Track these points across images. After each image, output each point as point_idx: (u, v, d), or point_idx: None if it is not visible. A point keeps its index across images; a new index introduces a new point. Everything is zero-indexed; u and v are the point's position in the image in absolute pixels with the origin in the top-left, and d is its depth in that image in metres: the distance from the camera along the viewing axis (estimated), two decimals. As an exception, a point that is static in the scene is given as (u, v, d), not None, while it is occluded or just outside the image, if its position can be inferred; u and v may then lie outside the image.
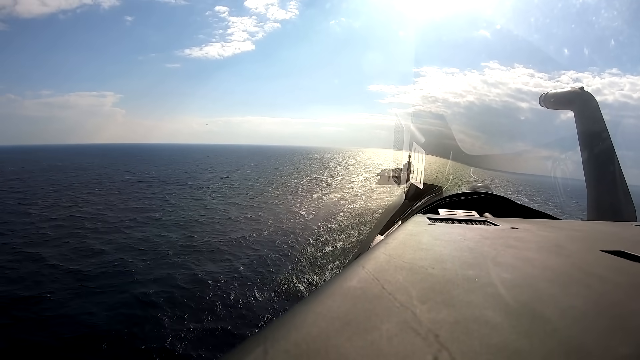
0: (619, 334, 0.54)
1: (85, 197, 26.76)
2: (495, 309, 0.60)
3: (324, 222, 19.82)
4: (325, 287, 0.71)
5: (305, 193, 31.37)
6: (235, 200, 26.77)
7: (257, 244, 15.59)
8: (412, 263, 0.89)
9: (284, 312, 0.66)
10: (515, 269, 0.89)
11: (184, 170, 53.28)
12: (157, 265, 12.48)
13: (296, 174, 50.23)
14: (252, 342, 0.49)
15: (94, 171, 49.21)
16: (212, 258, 13.59)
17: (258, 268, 12.60)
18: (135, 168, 56.82)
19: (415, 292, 0.68)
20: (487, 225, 1.76)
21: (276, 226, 18.70)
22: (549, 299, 0.68)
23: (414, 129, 6.53)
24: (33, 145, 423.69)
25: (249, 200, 27.14)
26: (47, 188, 30.94)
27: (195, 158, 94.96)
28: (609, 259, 1.06)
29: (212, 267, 12.58)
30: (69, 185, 33.07)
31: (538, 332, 0.52)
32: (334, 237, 16.95)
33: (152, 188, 32.23)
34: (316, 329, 0.51)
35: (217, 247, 14.90)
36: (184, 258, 13.33)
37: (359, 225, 18.59)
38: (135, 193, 29.04)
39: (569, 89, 5.69)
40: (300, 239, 16.46)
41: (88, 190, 30.34)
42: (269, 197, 28.56)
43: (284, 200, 27.02)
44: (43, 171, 47.24)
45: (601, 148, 4.84)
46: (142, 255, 13.46)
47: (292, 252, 14.50)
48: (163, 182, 36.74)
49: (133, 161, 77.09)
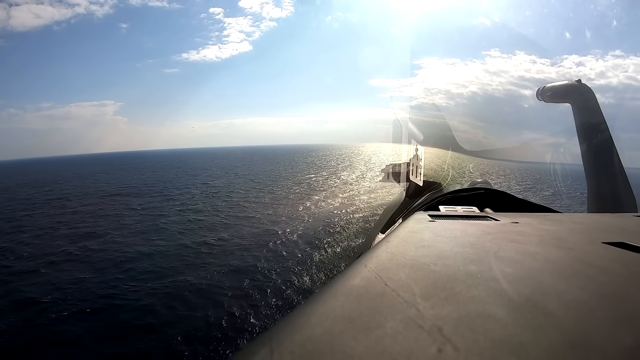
0: (622, 325, 0.54)
1: (29, 218, 22.55)
2: (498, 304, 0.60)
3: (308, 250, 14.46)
4: (329, 287, 0.71)
5: (295, 202, 25.72)
6: (200, 217, 21.40)
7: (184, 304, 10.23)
8: (415, 260, 0.90)
9: (288, 313, 0.66)
10: (517, 263, 0.89)
11: (167, 178, 48.74)
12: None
13: (290, 176, 44.69)
14: (257, 343, 0.49)
15: (69, 183, 44.71)
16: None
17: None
18: (115, 178, 51.95)
19: (418, 288, 0.68)
20: (488, 221, 1.76)
21: (228, 264, 13.21)
22: (552, 292, 0.68)
23: (411, 125, 6.54)
24: (33, 158, 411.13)
25: (217, 217, 21.25)
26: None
27: (188, 163, 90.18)
28: (611, 250, 1.07)
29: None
30: (26, 201, 29.46)
31: (541, 325, 0.52)
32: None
33: (115, 202, 28.12)
34: (321, 328, 0.52)
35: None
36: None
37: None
38: (91, 210, 24.77)
39: (566, 82, 5.70)
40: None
41: (42, 208, 26.07)
42: (245, 210, 23.29)
43: (262, 215, 21.32)
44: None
45: (600, 140, 4.84)
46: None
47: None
48: (134, 195, 31.71)
49: (120, 170, 71.39)
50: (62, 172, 70.80)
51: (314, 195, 28.65)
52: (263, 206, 24.63)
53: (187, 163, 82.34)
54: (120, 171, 66.64)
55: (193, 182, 41.37)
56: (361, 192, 29.95)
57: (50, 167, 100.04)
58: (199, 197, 29.66)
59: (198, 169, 62.65)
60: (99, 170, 71.16)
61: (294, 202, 25.87)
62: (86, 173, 64.08)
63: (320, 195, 29.00)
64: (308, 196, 28.48)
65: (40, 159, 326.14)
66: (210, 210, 23.68)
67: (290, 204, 25.10)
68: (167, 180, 45.02)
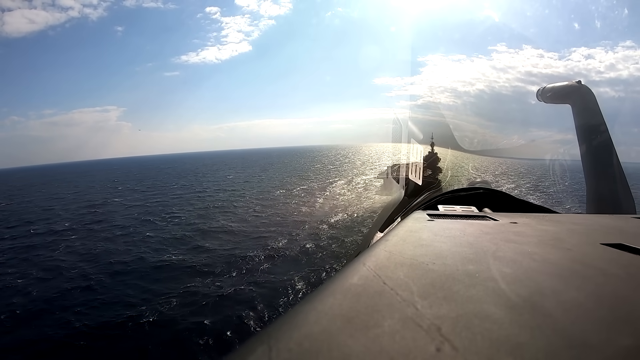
0: (619, 325, 0.54)
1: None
2: (496, 304, 0.60)
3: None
4: (327, 285, 0.71)
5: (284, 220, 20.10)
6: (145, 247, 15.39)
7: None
8: (413, 259, 0.90)
9: (286, 311, 0.66)
10: (515, 263, 0.89)
11: (148, 184, 44.80)
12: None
13: (278, 185, 36.54)
14: (255, 341, 0.49)
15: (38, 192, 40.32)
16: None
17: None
18: (81, 186, 46.03)
19: (416, 288, 0.68)
20: (487, 221, 1.76)
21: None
22: (550, 292, 0.68)
23: (412, 124, 6.54)
24: (34, 165, 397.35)
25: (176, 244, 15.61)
26: None
27: (180, 168, 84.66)
28: (609, 251, 1.07)
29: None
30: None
31: (539, 326, 0.52)
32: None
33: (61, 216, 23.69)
34: (319, 326, 0.52)
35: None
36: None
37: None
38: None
39: (565, 83, 5.70)
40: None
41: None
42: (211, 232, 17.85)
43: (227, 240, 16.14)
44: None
45: (599, 141, 4.85)
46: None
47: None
48: (98, 205, 27.50)
49: (105, 176, 66.25)
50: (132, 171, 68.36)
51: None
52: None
53: (186, 171, 77.07)
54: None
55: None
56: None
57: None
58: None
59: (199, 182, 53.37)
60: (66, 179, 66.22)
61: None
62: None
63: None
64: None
65: (58, 164, 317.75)
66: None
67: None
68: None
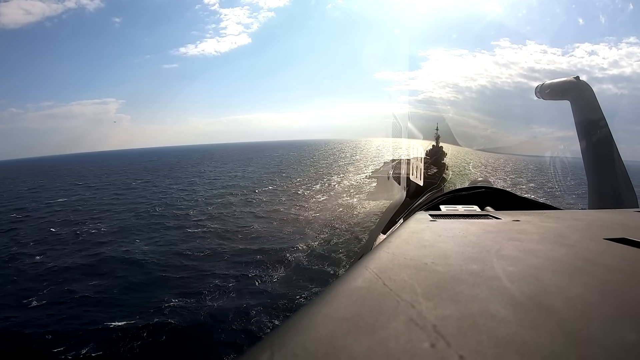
0: (625, 321, 0.53)
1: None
2: (500, 303, 0.60)
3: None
4: (331, 289, 0.71)
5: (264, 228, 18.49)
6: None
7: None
8: (416, 260, 0.89)
9: (290, 316, 0.65)
10: (519, 261, 0.89)
11: (120, 180, 45.02)
12: None
13: (272, 181, 37.37)
14: (259, 346, 0.49)
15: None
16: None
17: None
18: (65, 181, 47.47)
19: (420, 289, 0.68)
20: (489, 219, 1.76)
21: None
22: (555, 290, 0.67)
23: (410, 120, 6.55)
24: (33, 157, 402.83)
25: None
26: None
27: (170, 162, 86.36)
28: (613, 246, 1.06)
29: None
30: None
31: (545, 324, 0.52)
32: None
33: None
34: (323, 331, 0.51)
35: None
36: None
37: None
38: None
39: (564, 79, 5.71)
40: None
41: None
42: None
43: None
44: None
45: (599, 137, 4.85)
46: None
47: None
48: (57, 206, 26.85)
49: (92, 169, 68.15)
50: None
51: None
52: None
53: (175, 165, 77.40)
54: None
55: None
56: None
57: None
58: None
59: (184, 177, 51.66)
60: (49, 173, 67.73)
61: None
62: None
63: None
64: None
65: (65, 155, 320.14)
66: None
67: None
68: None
